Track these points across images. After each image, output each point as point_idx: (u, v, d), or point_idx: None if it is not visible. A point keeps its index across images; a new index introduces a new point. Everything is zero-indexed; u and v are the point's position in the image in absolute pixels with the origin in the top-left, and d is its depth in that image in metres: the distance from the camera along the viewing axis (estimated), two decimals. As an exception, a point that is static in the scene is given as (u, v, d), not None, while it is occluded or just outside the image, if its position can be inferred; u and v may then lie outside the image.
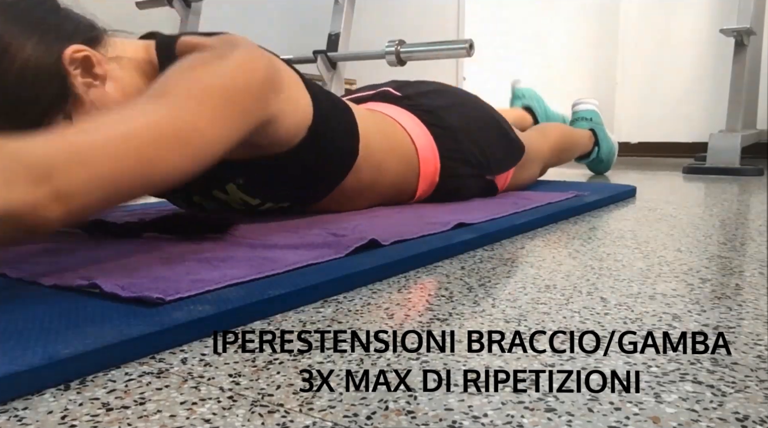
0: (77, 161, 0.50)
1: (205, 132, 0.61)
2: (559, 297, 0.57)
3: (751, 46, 2.15)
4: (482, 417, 0.34)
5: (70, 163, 0.50)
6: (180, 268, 0.59)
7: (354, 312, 0.53)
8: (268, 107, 0.72)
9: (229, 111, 0.64)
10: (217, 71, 0.65)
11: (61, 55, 0.63)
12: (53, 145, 0.50)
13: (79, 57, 0.64)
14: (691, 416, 0.34)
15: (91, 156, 0.51)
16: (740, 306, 0.54)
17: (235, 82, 0.66)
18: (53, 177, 0.49)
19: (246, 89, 0.67)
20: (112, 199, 0.54)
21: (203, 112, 0.61)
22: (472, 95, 1.26)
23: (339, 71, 2.09)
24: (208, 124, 0.61)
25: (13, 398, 0.36)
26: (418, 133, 1.05)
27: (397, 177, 1.02)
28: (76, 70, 0.64)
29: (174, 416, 0.34)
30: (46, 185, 0.48)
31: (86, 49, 0.65)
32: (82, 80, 0.65)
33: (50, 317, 0.46)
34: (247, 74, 0.68)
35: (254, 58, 0.70)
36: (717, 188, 1.59)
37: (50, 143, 0.50)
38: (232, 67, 0.66)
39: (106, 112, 0.59)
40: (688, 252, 0.77)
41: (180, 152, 0.58)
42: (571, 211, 1.07)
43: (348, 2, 2.10)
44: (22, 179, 0.47)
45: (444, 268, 0.69)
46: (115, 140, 0.54)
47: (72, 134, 0.53)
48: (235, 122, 0.65)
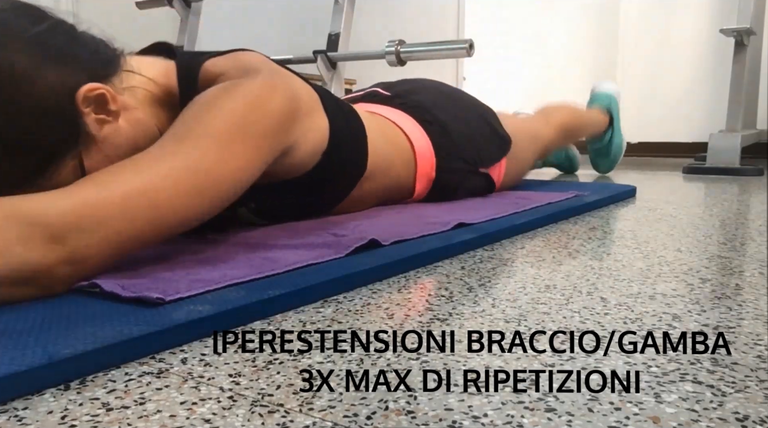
0: (92, 222, 0.51)
1: (223, 177, 0.60)
2: (559, 297, 0.57)
3: (751, 46, 2.15)
4: (482, 417, 0.34)
5: (85, 224, 0.50)
6: (180, 268, 0.59)
7: (354, 312, 0.53)
8: (286, 140, 0.71)
9: (249, 151, 0.63)
10: (236, 110, 0.64)
11: (75, 95, 0.59)
12: (69, 204, 0.50)
13: (92, 95, 0.61)
14: (691, 416, 0.34)
15: (106, 216, 0.52)
16: (740, 306, 0.54)
17: (255, 118, 0.65)
18: (68, 239, 0.50)
19: (265, 126, 0.66)
20: (126, 253, 0.55)
21: (221, 156, 0.60)
22: (458, 90, 1.26)
23: (339, 71, 2.09)
24: (227, 168, 0.61)
25: (13, 398, 0.36)
26: (414, 132, 1.05)
27: (397, 178, 1.02)
28: (89, 108, 0.61)
29: (174, 416, 0.34)
30: (62, 247, 0.49)
31: (101, 87, 0.61)
32: (95, 118, 0.62)
33: (50, 317, 0.46)
34: (267, 109, 0.66)
35: (273, 89, 0.68)
36: (717, 188, 1.59)
37: (66, 203, 0.50)
38: (251, 102, 0.65)
39: (123, 163, 0.57)
40: (688, 252, 0.77)
41: (197, 200, 0.58)
42: (571, 211, 1.07)
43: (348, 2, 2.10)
44: (39, 239, 0.48)
45: (444, 268, 0.69)
46: (131, 195, 0.53)
47: (87, 190, 0.52)
48: (254, 161, 0.64)
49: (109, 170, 0.56)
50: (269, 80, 0.69)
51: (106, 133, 0.63)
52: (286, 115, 0.69)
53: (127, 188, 0.54)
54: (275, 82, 0.70)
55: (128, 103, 0.66)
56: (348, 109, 0.91)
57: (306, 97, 0.77)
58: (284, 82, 0.71)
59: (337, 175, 0.86)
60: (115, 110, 0.63)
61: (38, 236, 0.48)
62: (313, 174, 0.80)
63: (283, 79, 0.72)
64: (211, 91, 0.66)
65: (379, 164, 0.94)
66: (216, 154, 0.60)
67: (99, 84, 0.61)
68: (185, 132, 0.61)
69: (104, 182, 0.54)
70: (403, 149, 1.02)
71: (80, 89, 0.60)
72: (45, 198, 0.51)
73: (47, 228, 0.49)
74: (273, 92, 0.68)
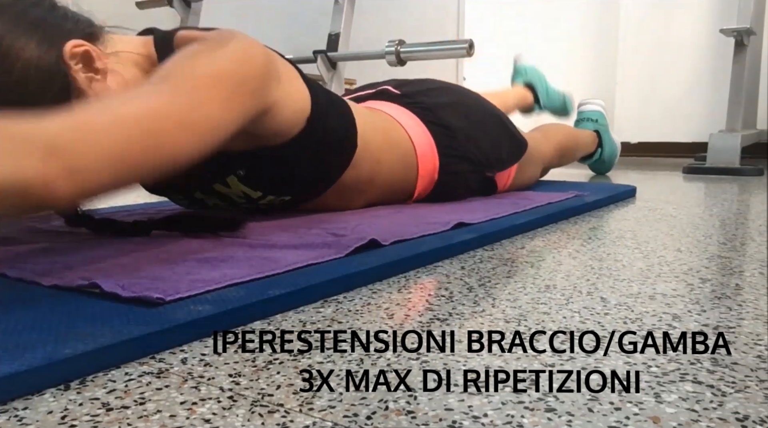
0: (87, 138, 0.51)
1: (208, 115, 0.62)
2: (559, 297, 0.57)
3: (751, 46, 2.15)
4: (482, 417, 0.34)
5: (79, 140, 0.51)
6: (180, 268, 0.59)
7: (354, 312, 0.53)
8: (267, 95, 0.73)
9: (231, 96, 0.65)
10: (216, 59, 0.66)
11: (62, 51, 0.63)
12: (63, 123, 0.51)
13: (79, 52, 0.65)
14: (691, 416, 0.34)
15: (100, 134, 0.52)
16: (740, 306, 0.54)
17: (235, 68, 0.67)
18: (63, 153, 0.49)
19: (246, 76, 0.68)
20: (119, 178, 0.54)
21: (205, 96, 0.62)
22: (472, 93, 1.26)
23: (339, 71, 2.09)
24: (211, 108, 0.62)
25: (13, 398, 0.36)
26: (416, 131, 1.05)
27: (396, 174, 1.02)
28: (77, 65, 0.65)
29: (174, 416, 0.34)
30: (57, 161, 0.49)
31: (85, 44, 0.65)
32: (84, 75, 0.65)
33: (50, 317, 0.46)
34: (246, 62, 0.69)
35: (251, 47, 0.71)
36: (717, 188, 1.59)
37: (60, 122, 0.51)
38: (231, 55, 0.67)
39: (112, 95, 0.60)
40: (688, 252, 0.77)
41: (185, 134, 0.59)
42: (571, 211, 1.07)
43: (348, 2, 2.10)
44: (33, 154, 0.48)
45: (444, 268, 0.69)
46: (125, 118, 0.54)
47: (81, 113, 0.53)
48: (236, 107, 0.66)
49: (100, 100, 0.60)
50: (247, 41, 0.72)
51: (96, 91, 0.66)
52: (264, 70, 0.72)
53: (118, 113, 0.55)
54: (253, 42, 0.73)
55: (114, 65, 0.69)
56: (331, 92, 0.93)
57: (284, 65, 0.81)
58: (261, 45, 0.74)
59: (325, 146, 0.87)
60: (102, 68, 0.67)
61: (35, 150, 0.48)
62: (299, 140, 0.82)
63: (260, 44, 0.75)
64: (194, 45, 0.69)
65: (373, 153, 0.95)
66: (200, 94, 0.62)
67: (84, 41, 0.65)
68: (172, 74, 0.63)
69: (96, 108, 0.55)
70: (401, 144, 1.02)
71: (66, 44, 0.64)
72: (40, 118, 0.51)
73: (42, 140, 0.48)
74: (253, 48, 0.71)
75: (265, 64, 0.72)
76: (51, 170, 0.48)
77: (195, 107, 0.61)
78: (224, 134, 0.65)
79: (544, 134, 1.49)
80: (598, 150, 1.82)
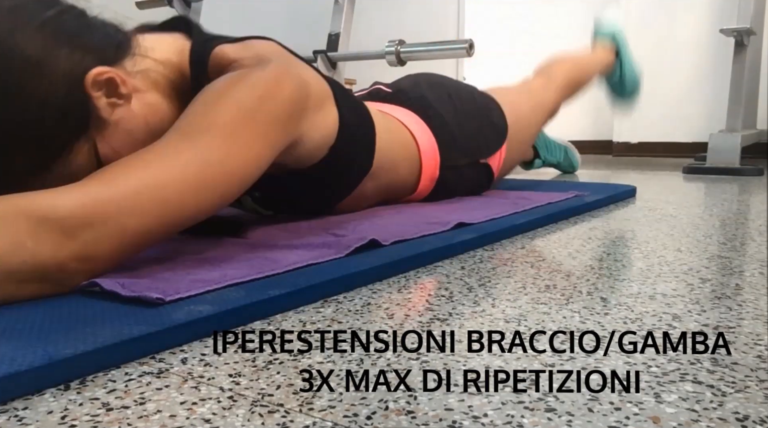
0: (102, 217, 0.51)
1: (232, 170, 0.60)
2: (559, 297, 0.57)
3: (751, 46, 2.15)
4: (482, 417, 0.34)
5: (94, 219, 0.50)
6: (180, 268, 0.59)
7: (354, 312, 0.53)
8: (295, 131, 0.71)
9: (257, 142, 0.63)
10: (244, 100, 0.63)
11: (84, 79, 0.60)
12: (78, 200, 0.50)
13: (102, 80, 0.61)
14: (691, 416, 0.34)
15: (115, 211, 0.52)
16: (740, 306, 0.54)
17: (263, 109, 0.64)
18: (79, 234, 0.50)
19: (274, 117, 0.65)
20: (136, 249, 0.55)
21: (230, 149, 0.60)
22: (455, 81, 1.26)
23: (339, 71, 2.09)
24: (235, 161, 0.60)
25: (13, 398, 0.36)
26: (419, 132, 1.05)
27: (401, 176, 1.02)
28: (99, 92, 0.61)
29: (174, 416, 0.34)
30: (72, 242, 0.49)
31: (109, 71, 0.61)
32: (106, 101, 0.62)
33: (50, 317, 0.46)
34: (276, 100, 0.66)
35: (283, 78, 0.68)
36: (717, 188, 1.59)
37: (75, 198, 0.50)
38: (260, 93, 0.65)
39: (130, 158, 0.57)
40: (688, 252, 0.77)
41: (206, 194, 0.58)
42: (571, 211, 1.07)
43: (348, 2, 2.10)
44: (49, 235, 0.48)
45: (444, 268, 0.69)
46: (140, 190, 0.53)
47: (95, 186, 0.52)
48: (262, 152, 0.64)
49: (116, 166, 0.56)
50: (279, 70, 0.68)
51: (118, 116, 0.63)
52: (295, 106, 0.69)
53: (135, 183, 0.54)
54: (285, 72, 0.69)
55: (140, 86, 0.66)
56: (360, 105, 0.90)
57: (317, 89, 0.76)
58: (295, 73, 0.71)
59: (343, 170, 0.86)
60: (126, 94, 0.63)
61: (49, 232, 0.48)
62: (319, 167, 0.80)
63: (294, 69, 0.71)
64: (220, 82, 0.66)
65: (384, 163, 0.94)
66: (224, 147, 0.60)
67: (108, 68, 0.61)
68: (193, 125, 0.61)
69: (112, 178, 0.54)
70: (408, 149, 1.02)
71: (89, 74, 0.60)
72: (54, 194, 0.51)
73: (57, 223, 0.49)
74: (282, 83, 0.68)
75: (296, 97, 0.69)
76: (67, 253, 0.49)
77: (219, 165, 0.59)
78: (249, 182, 0.63)
79: (548, 77, 1.41)
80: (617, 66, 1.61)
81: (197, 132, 0.60)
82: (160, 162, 0.56)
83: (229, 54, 0.72)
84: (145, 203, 0.53)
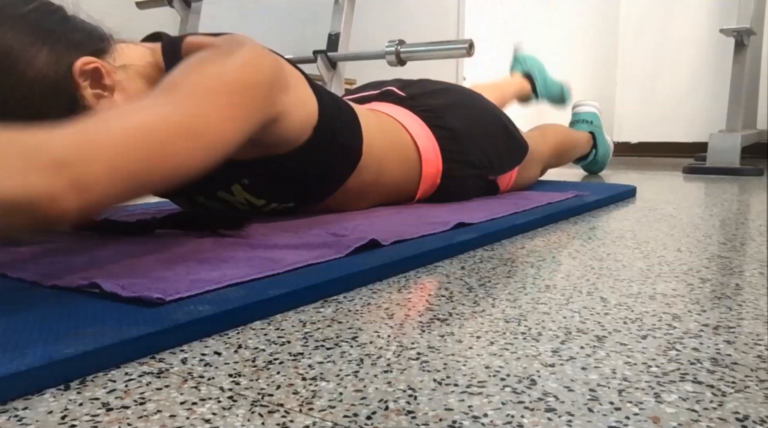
0: (94, 152, 0.51)
1: (215, 126, 0.61)
2: (559, 297, 0.57)
3: (751, 46, 2.15)
4: (482, 417, 0.34)
5: (85, 154, 0.50)
6: (180, 268, 0.59)
7: (354, 312, 0.53)
8: (275, 105, 0.72)
9: (238, 106, 0.64)
10: (224, 68, 0.65)
11: (71, 68, 0.62)
12: (70, 136, 0.50)
13: (89, 69, 0.64)
14: (691, 416, 0.34)
15: (105, 148, 0.52)
16: (740, 306, 0.54)
17: (243, 78, 0.66)
18: (70, 167, 0.49)
19: (253, 85, 0.67)
20: (127, 191, 0.54)
21: (213, 106, 0.61)
22: (474, 93, 1.26)
23: (339, 71, 2.09)
24: (218, 118, 0.62)
25: (13, 398, 0.36)
26: (420, 134, 1.05)
27: (399, 177, 1.02)
28: (86, 82, 0.64)
29: (174, 416, 0.34)
30: (64, 175, 0.48)
31: (96, 61, 0.64)
32: (91, 92, 0.64)
33: (50, 317, 0.46)
34: (254, 71, 0.68)
35: (260, 55, 0.70)
36: (717, 188, 1.59)
37: (67, 135, 0.51)
38: (239, 64, 0.67)
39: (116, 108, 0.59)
40: (688, 252, 0.77)
41: (192, 145, 0.59)
42: (571, 211, 1.07)
43: (348, 2, 2.09)
44: (40, 168, 0.47)
45: (444, 268, 0.69)
46: (130, 131, 0.54)
47: (85, 126, 0.53)
48: (243, 117, 0.65)
49: (110, 110, 0.58)
50: (256, 47, 0.71)
51: (102, 107, 0.65)
52: (275, 79, 0.71)
53: (125, 125, 0.54)
54: (262, 49, 0.72)
55: (122, 80, 0.68)
56: (336, 97, 0.92)
57: (292, 73, 0.79)
58: (270, 53, 0.73)
59: (331, 155, 0.86)
60: (110, 85, 0.66)
61: (40, 163, 0.47)
62: (305, 149, 0.82)
63: (269, 51, 0.74)
64: (202, 53, 0.68)
65: (377, 158, 0.94)
66: (208, 105, 0.61)
67: (94, 58, 0.64)
68: (179, 84, 0.62)
69: (105, 119, 0.54)
70: (405, 148, 1.02)
71: (76, 63, 0.62)
72: (48, 130, 0.50)
73: (49, 155, 0.48)
74: (261, 57, 0.70)
75: (274, 72, 0.71)
76: (57, 186, 0.48)
77: (201, 117, 0.60)
78: (232, 144, 0.64)
79: (542, 134, 1.49)
80: (593, 151, 1.84)
81: (182, 89, 0.61)
82: (149, 110, 0.57)
83: (201, 39, 0.74)
84: (136, 141, 0.54)
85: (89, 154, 0.50)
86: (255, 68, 0.68)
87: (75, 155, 0.49)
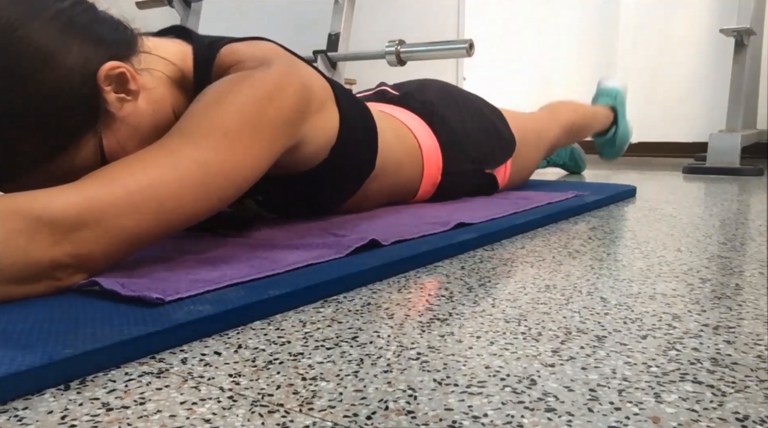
0: (97, 217, 0.51)
1: (230, 173, 0.60)
2: (559, 297, 0.57)
3: (751, 46, 2.15)
4: (482, 417, 0.34)
5: (89, 219, 0.50)
6: (180, 268, 0.59)
7: (354, 312, 0.53)
8: (296, 135, 0.71)
9: (257, 145, 0.63)
10: (245, 104, 0.63)
11: (97, 73, 0.60)
12: (73, 200, 0.50)
13: (114, 74, 0.61)
14: (691, 416, 0.34)
15: (110, 212, 0.52)
16: (740, 306, 0.54)
17: (264, 113, 0.64)
18: (73, 234, 0.50)
19: (275, 121, 0.66)
20: (131, 250, 0.55)
21: (229, 152, 0.60)
22: (464, 91, 1.26)
23: (339, 71, 2.09)
24: (234, 163, 0.60)
25: (13, 398, 0.36)
26: (422, 134, 1.05)
27: (404, 179, 1.02)
28: (110, 86, 0.61)
29: (174, 416, 0.34)
30: (66, 242, 0.49)
31: (121, 66, 0.61)
32: (115, 96, 0.62)
33: (50, 317, 0.46)
34: (277, 104, 0.66)
35: (285, 81, 0.68)
36: (717, 188, 1.59)
37: (70, 198, 0.50)
38: (262, 96, 0.65)
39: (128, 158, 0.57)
40: (688, 252, 0.77)
41: (203, 196, 0.58)
42: (571, 211, 1.07)
43: (348, 2, 2.10)
44: (43, 234, 0.48)
45: (444, 268, 0.69)
46: (136, 191, 0.53)
47: (91, 186, 0.52)
48: (262, 155, 0.64)
49: (114, 166, 0.56)
50: (281, 73, 0.68)
51: (125, 112, 0.63)
52: (296, 110, 0.69)
53: (131, 184, 0.54)
54: (287, 75, 0.69)
55: (147, 83, 0.66)
56: (362, 105, 0.90)
57: (319, 90, 0.76)
58: (297, 75, 0.71)
59: (345, 172, 0.86)
60: (134, 90, 0.63)
61: (43, 231, 0.48)
62: (320, 169, 0.80)
63: (296, 71, 0.71)
64: (222, 83, 0.66)
65: (388, 165, 0.94)
66: (223, 150, 0.60)
67: (120, 62, 0.62)
68: (193, 126, 0.61)
69: (109, 178, 0.54)
70: (411, 151, 1.02)
71: (102, 67, 0.60)
72: (49, 194, 0.51)
73: (51, 223, 0.49)
74: (285, 86, 0.68)
75: (298, 100, 0.69)
76: (61, 255, 0.49)
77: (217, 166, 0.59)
78: (247, 185, 0.63)
79: (552, 112, 1.44)
80: (613, 128, 1.73)
81: (197, 134, 0.60)
82: (159, 163, 0.56)
83: (233, 54, 0.72)
84: (141, 203, 0.53)
85: (91, 222, 0.50)
86: (279, 99, 0.66)
87: (76, 223, 0.50)
